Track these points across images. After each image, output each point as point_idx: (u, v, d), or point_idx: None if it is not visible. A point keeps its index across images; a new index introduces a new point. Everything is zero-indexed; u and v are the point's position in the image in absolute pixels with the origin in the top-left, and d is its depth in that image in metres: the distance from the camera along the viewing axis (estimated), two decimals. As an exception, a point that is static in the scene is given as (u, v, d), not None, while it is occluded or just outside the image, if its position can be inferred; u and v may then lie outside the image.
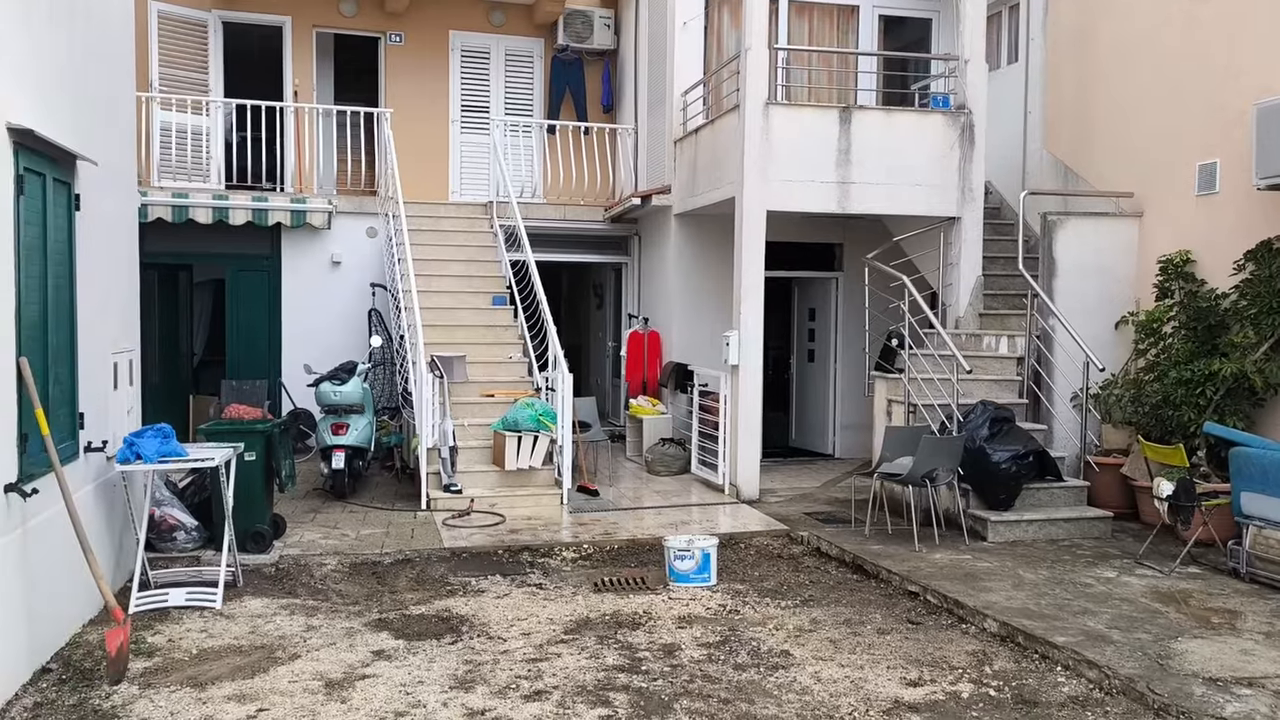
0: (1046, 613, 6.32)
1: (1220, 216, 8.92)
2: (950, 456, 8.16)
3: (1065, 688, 5.28)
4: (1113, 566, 7.50)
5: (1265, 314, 8.14)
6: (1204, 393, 8.32)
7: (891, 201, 10.35)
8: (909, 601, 6.90)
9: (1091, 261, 9.91)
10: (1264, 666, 5.39)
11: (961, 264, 10.52)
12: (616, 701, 5.03)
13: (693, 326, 12.10)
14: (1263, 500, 6.95)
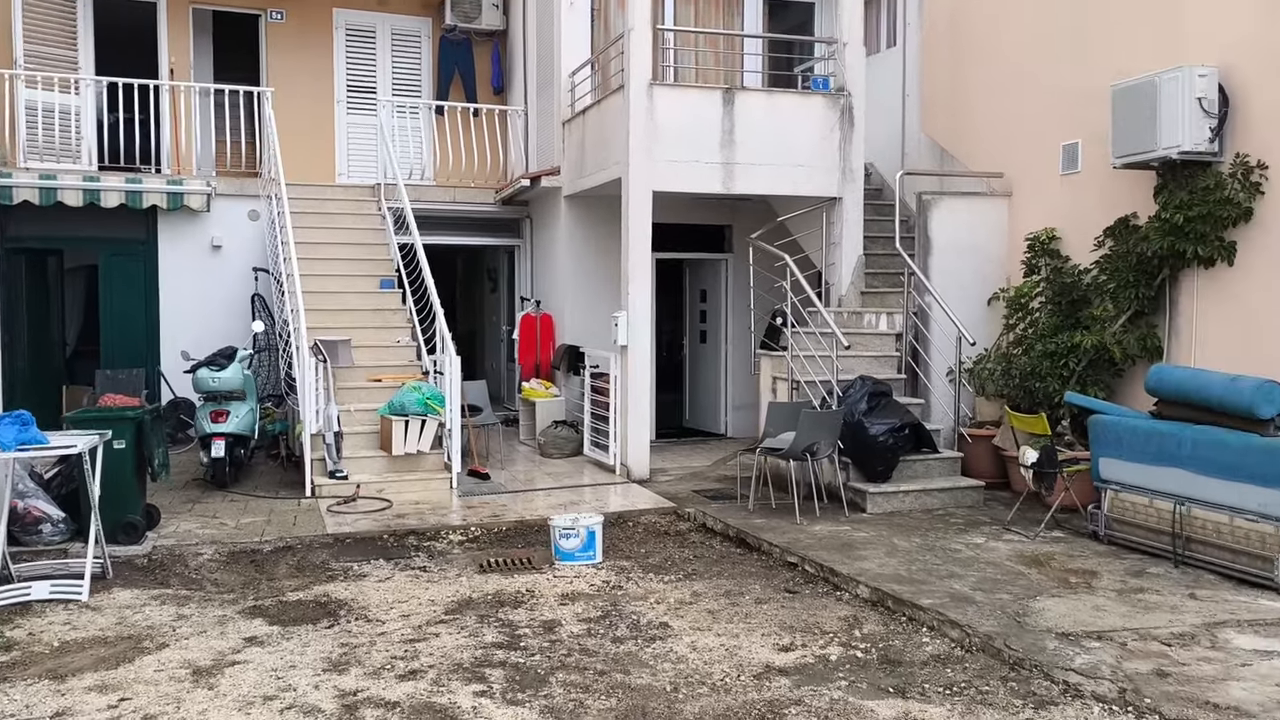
0: (916, 578, 6.54)
1: (1083, 195, 9.31)
2: (830, 431, 8.37)
3: (929, 647, 5.49)
4: (982, 533, 7.79)
5: (1123, 288, 8.53)
6: (1067, 364, 8.69)
7: (775, 182, 10.52)
8: (788, 572, 7.07)
9: (965, 240, 10.24)
10: (1113, 621, 5.68)
11: (843, 243, 10.75)
12: (492, 677, 5.05)
13: (585, 308, 12.11)
14: (1119, 465, 7.31)
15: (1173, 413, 7.07)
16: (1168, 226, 7.99)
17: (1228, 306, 7.94)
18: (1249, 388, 6.46)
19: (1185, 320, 8.31)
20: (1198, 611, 5.85)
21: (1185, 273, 8.26)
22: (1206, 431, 6.66)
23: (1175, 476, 6.85)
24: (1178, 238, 7.94)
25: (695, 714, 4.61)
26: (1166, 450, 6.90)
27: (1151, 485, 7.04)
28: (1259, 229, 7.67)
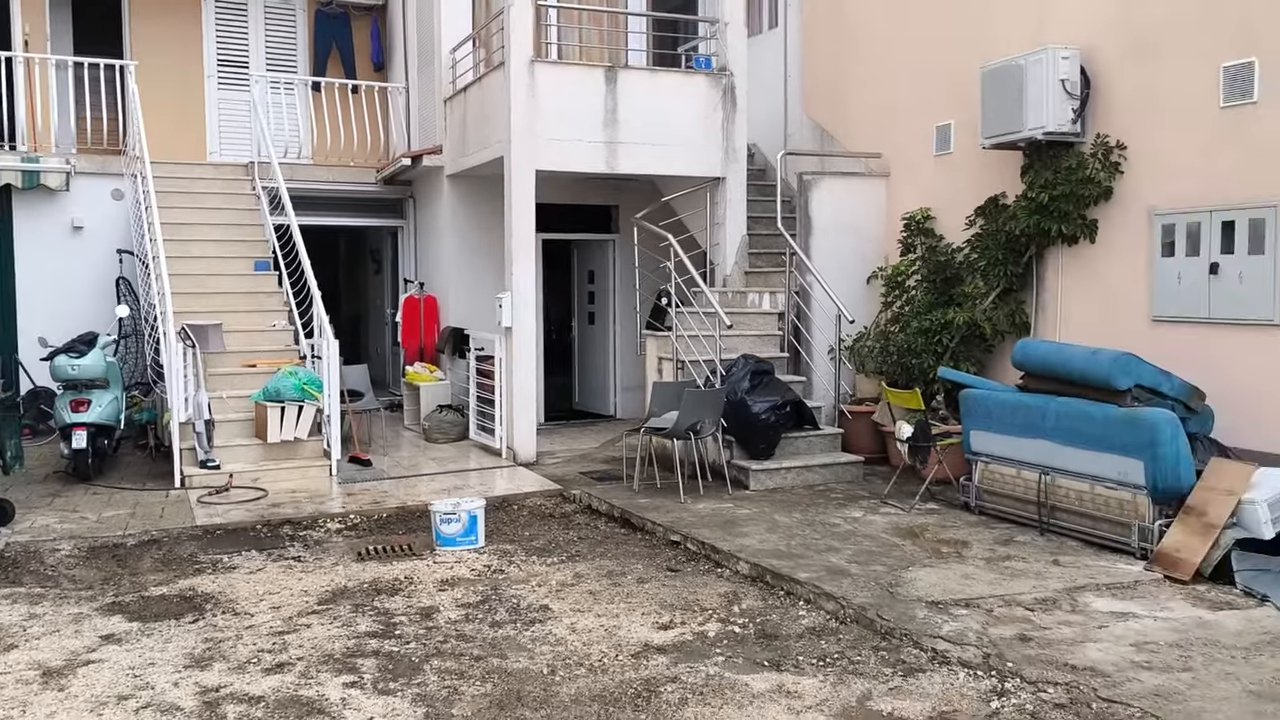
0: (795, 552, 6.63)
1: (956, 175, 9.54)
2: (713, 409, 8.41)
3: (805, 620, 5.56)
4: (860, 507, 7.95)
5: (993, 266, 8.78)
6: (941, 341, 8.91)
7: (659, 162, 10.51)
8: (671, 551, 7.08)
9: (845, 220, 10.40)
10: (981, 589, 5.85)
11: (727, 224, 10.81)
12: (364, 667, 4.92)
13: (470, 290, 11.92)
14: (988, 437, 7.53)
15: (1038, 385, 7.31)
16: (1034, 205, 8.25)
17: (1090, 282, 8.24)
18: (1107, 360, 6.72)
19: (1051, 296, 8.60)
20: (1060, 577, 6.07)
21: (1051, 250, 8.54)
22: (1069, 403, 6.90)
23: (1041, 447, 7.08)
24: (1043, 216, 8.20)
25: (571, 696, 4.57)
26: (1032, 422, 7.12)
27: (1019, 456, 7.27)
28: (1118, 207, 7.97)
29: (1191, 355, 7.28)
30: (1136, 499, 6.48)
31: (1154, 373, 6.70)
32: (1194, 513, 6.22)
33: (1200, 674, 4.59)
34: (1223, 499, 6.15)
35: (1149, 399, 6.62)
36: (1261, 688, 4.43)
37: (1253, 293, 6.97)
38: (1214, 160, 7.23)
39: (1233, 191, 7.10)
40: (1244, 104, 7.02)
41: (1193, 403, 6.73)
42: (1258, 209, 6.92)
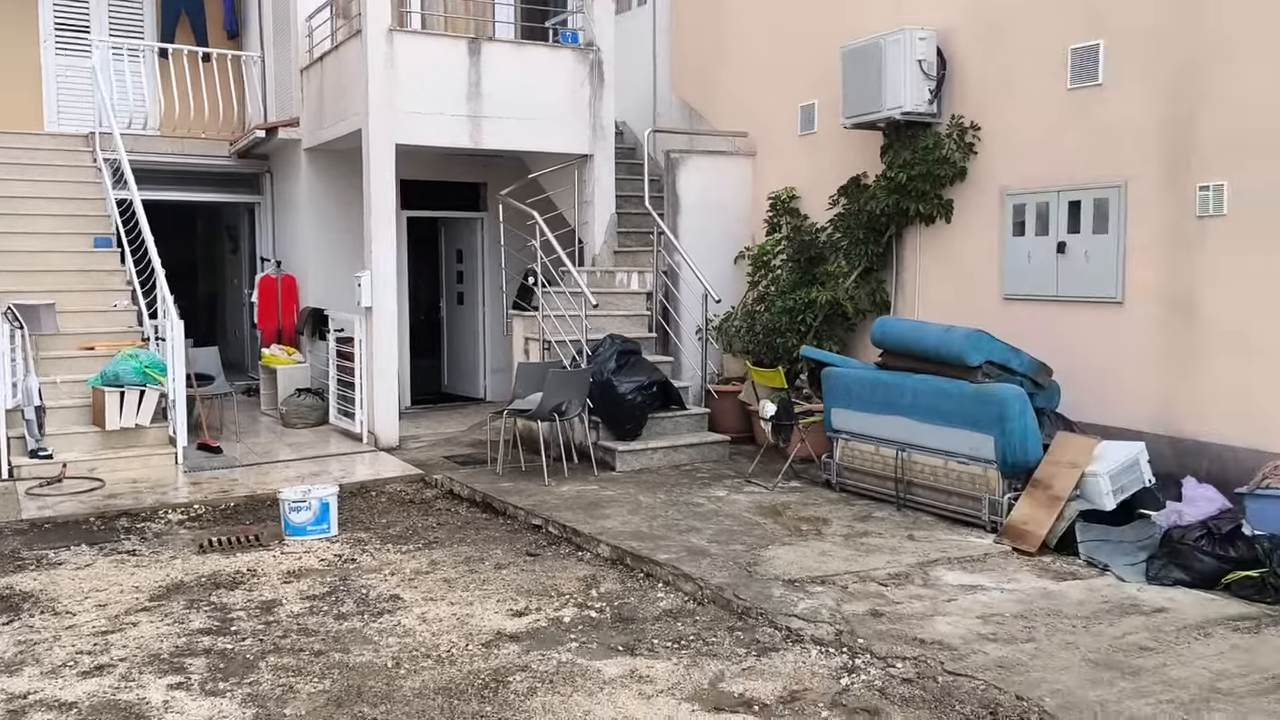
0: (657, 533, 6.55)
1: (819, 155, 9.59)
2: (578, 390, 8.27)
3: (663, 602, 5.48)
4: (725, 486, 7.93)
5: (855, 245, 8.86)
6: (805, 320, 8.97)
7: (525, 138, 10.27)
8: (532, 535, 6.92)
9: (713, 199, 10.37)
10: (837, 565, 5.87)
11: (596, 202, 10.66)
12: (193, 667, 4.62)
13: (330, 269, 11.47)
14: (849, 415, 7.59)
15: (896, 363, 7.40)
16: (892, 185, 8.34)
17: (946, 261, 8.39)
18: (959, 337, 6.83)
19: (910, 275, 8.73)
20: (914, 552, 6.14)
21: (910, 230, 8.66)
22: (925, 380, 7.00)
23: (898, 424, 7.17)
24: (901, 196, 8.30)
25: (415, 689, 4.37)
26: (890, 399, 7.20)
27: (877, 433, 7.35)
28: (973, 187, 8.12)
29: (1041, 332, 7.47)
30: (987, 473, 6.61)
31: (1004, 349, 6.84)
32: (1041, 486, 6.38)
33: (1043, 644, 4.68)
34: (1067, 472, 6.32)
35: (999, 375, 6.75)
36: (1099, 656, 4.53)
37: (1098, 271, 7.18)
38: (1062, 141, 7.41)
39: (1079, 172, 7.29)
40: (1090, 86, 7.21)
41: (1040, 379, 6.90)
42: (1102, 189, 7.12)
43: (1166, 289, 6.78)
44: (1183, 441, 6.69)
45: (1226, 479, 6.28)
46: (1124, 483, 6.27)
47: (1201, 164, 6.54)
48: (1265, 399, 6.26)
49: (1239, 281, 6.38)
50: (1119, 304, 7.06)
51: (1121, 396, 7.05)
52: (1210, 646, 4.64)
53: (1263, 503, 5.69)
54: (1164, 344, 6.81)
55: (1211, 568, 5.46)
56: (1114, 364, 7.10)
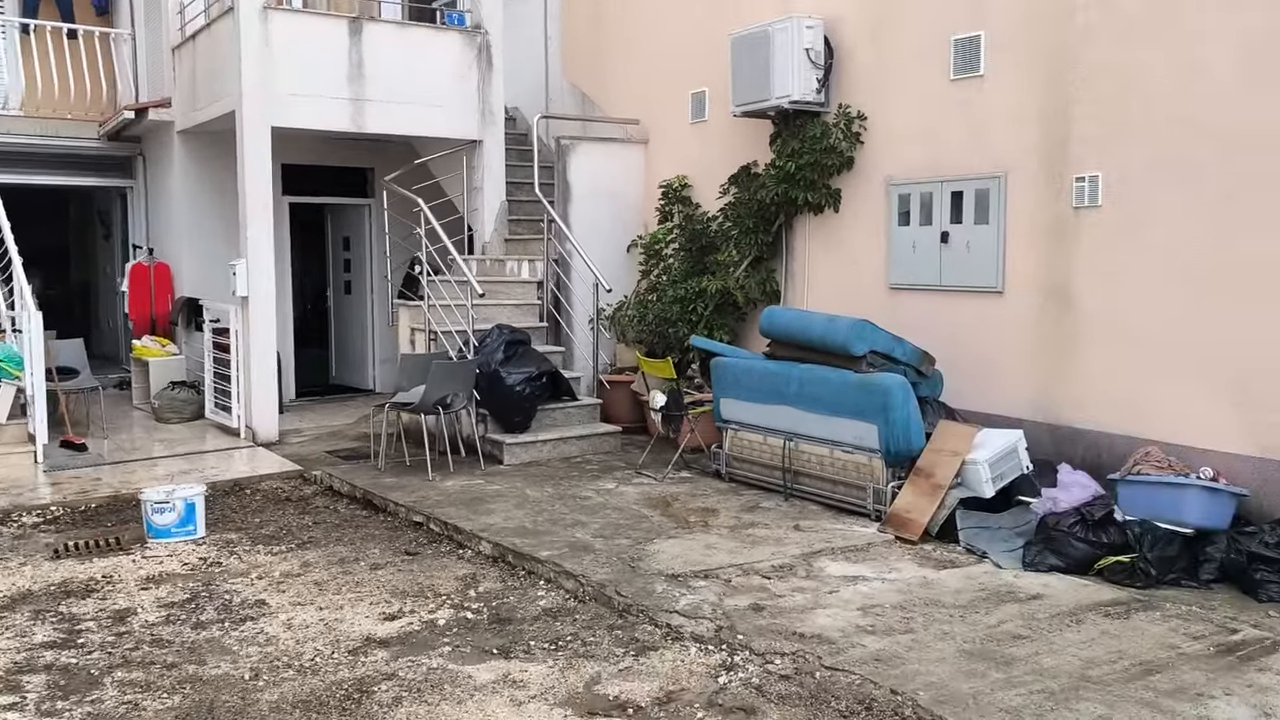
0: (541, 529, 6.39)
1: (711, 143, 9.51)
2: (464, 382, 8.04)
3: (543, 601, 5.32)
4: (614, 478, 7.80)
5: (745, 234, 8.80)
6: (696, 309, 8.89)
7: (411, 122, 9.97)
8: (413, 532, 6.70)
9: (604, 186, 10.21)
10: (722, 558, 5.79)
11: (486, 189, 10.42)
12: (30, 685, 4.29)
13: (205, 257, 10.98)
14: (737, 405, 7.53)
15: (783, 353, 7.36)
16: (781, 174, 8.29)
17: (835, 250, 8.39)
18: (844, 327, 6.82)
19: (800, 264, 8.72)
20: (799, 542, 6.11)
21: (799, 219, 8.64)
22: (811, 370, 6.97)
23: (785, 414, 7.13)
24: (790, 185, 8.26)
25: (273, 703, 4.13)
26: (777, 389, 7.16)
27: (765, 423, 7.31)
28: (860, 177, 8.13)
29: (926, 321, 7.52)
30: (872, 462, 6.62)
31: (888, 339, 6.86)
32: (923, 474, 6.41)
33: (920, 635, 4.66)
34: (949, 460, 6.36)
35: (883, 365, 6.76)
36: (974, 646, 4.54)
37: (979, 261, 7.25)
38: (945, 131, 7.46)
39: (962, 163, 7.34)
40: (972, 77, 7.26)
41: (924, 368, 6.94)
42: (983, 180, 7.19)
43: (1045, 279, 6.88)
44: (1060, 428, 6.81)
45: (1102, 465, 6.40)
46: (1003, 470, 6.33)
47: (1078, 156, 6.64)
48: (1138, 386, 6.39)
49: (1113, 271, 6.49)
50: (999, 294, 7.14)
51: (1002, 385, 7.13)
52: (1082, 633, 4.68)
53: (1134, 489, 5.80)
54: (1042, 333, 6.91)
55: (1085, 553, 5.54)
56: (995, 353, 7.18)
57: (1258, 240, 5.77)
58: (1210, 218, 5.98)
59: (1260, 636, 4.64)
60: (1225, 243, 5.91)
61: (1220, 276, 5.94)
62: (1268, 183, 5.72)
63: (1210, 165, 5.97)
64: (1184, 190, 6.10)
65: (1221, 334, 5.95)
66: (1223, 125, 5.91)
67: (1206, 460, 5.94)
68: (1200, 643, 4.56)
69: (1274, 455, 5.73)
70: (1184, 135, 6.09)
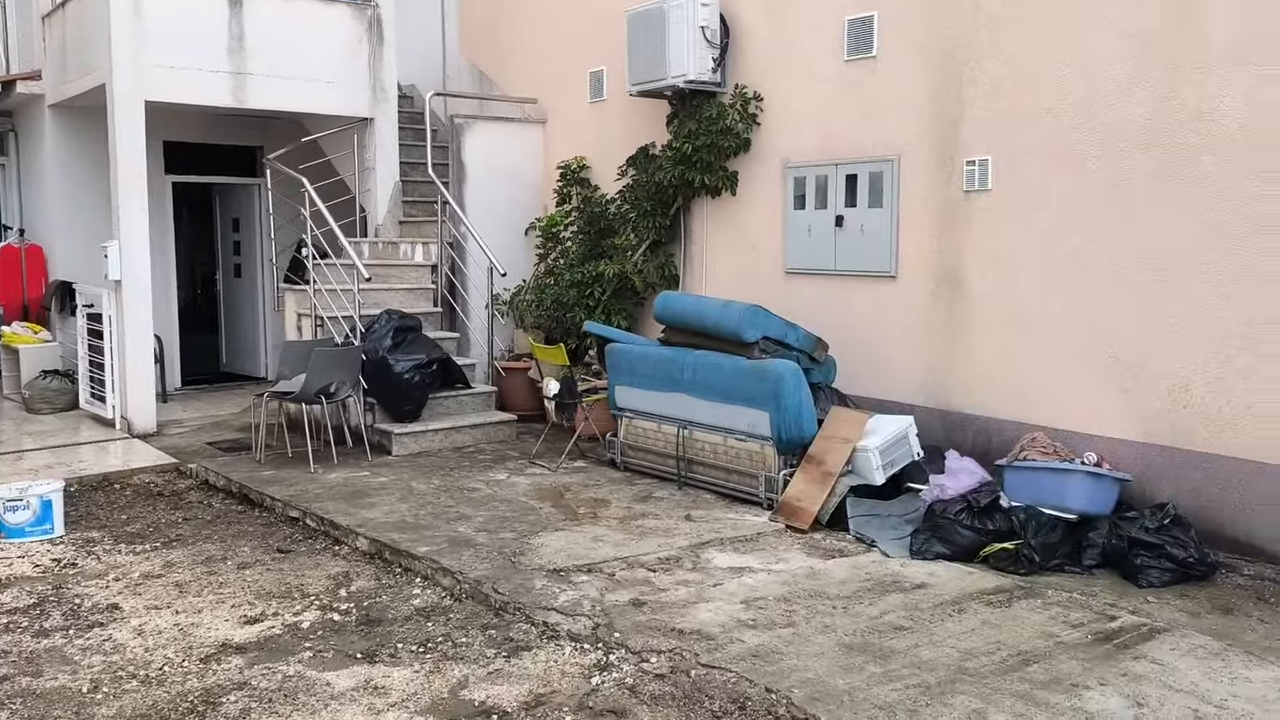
0: (423, 523, 6.14)
1: (609, 123, 9.30)
2: (347, 370, 7.72)
3: (417, 600, 5.08)
4: (506, 468, 7.58)
5: (643, 217, 8.63)
6: (593, 294, 8.68)
7: (297, 98, 9.55)
8: (289, 529, 6.39)
9: (501, 166, 9.93)
10: (608, 551, 5.62)
11: (378, 168, 10.06)
12: None
13: (81, 238, 10.37)
14: (632, 392, 7.36)
15: (678, 339, 7.21)
16: (678, 156, 8.13)
17: (733, 234, 8.26)
18: (736, 312, 6.68)
19: (698, 248, 8.57)
20: (689, 533, 5.97)
21: (697, 202, 8.49)
22: (704, 356, 6.83)
23: (679, 401, 6.98)
24: (687, 167, 8.10)
25: (108, 717, 3.83)
26: (671, 376, 7.01)
27: (660, 411, 7.16)
28: (757, 159, 8.00)
29: (822, 306, 7.44)
30: (764, 450, 6.50)
31: (780, 324, 6.74)
32: (814, 462, 6.32)
33: (801, 629, 4.55)
34: (840, 447, 6.28)
35: (776, 351, 6.65)
36: (854, 639, 4.44)
37: (873, 245, 7.17)
38: (839, 113, 7.36)
39: (856, 145, 7.26)
40: (865, 58, 7.16)
41: (816, 353, 6.85)
42: (877, 163, 7.11)
43: (937, 263, 6.83)
44: (951, 414, 6.78)
45: (991, 451, 6.39)
46: (894, 457, 6.28)
47: (969, 139, 6.59)
48: (1027, 372, 6.38)
49: (1002, 256, 6.47)
50: (892, 278, 7.08)
51: (896, 370, 7.09)
52: (963, 623, 4.62)
53: (1019, 474, 5.78)
54: (934, 318, 6.87)
55: (971, 541, 5.50)
56: (888, 338, 7.13)
57: (1143, 228, 5.78)
58: (1098, 204, 5.97)
59: (1137, 623, 4.63)
60: (1112, 230, 5.92)
61: (1107, 263, 5.95)
62: (1152, 172, 5.72)
63: (1097, 153, 5.96)
64: (1072, 176, 6.09)
65: (1108, 320, 5.96)
66: (1111, 114, 5.89)
67: (1092, 446, 5.95)
68: (1079, 631, 4.53)
69: (1157, 440, 5.76)
70: (1073, 122, 6.06)
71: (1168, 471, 5.70)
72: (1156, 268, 5.73)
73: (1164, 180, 5.67)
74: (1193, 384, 5.59)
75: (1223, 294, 5.46)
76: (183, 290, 12.26)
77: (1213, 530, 5.50)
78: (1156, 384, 5.75)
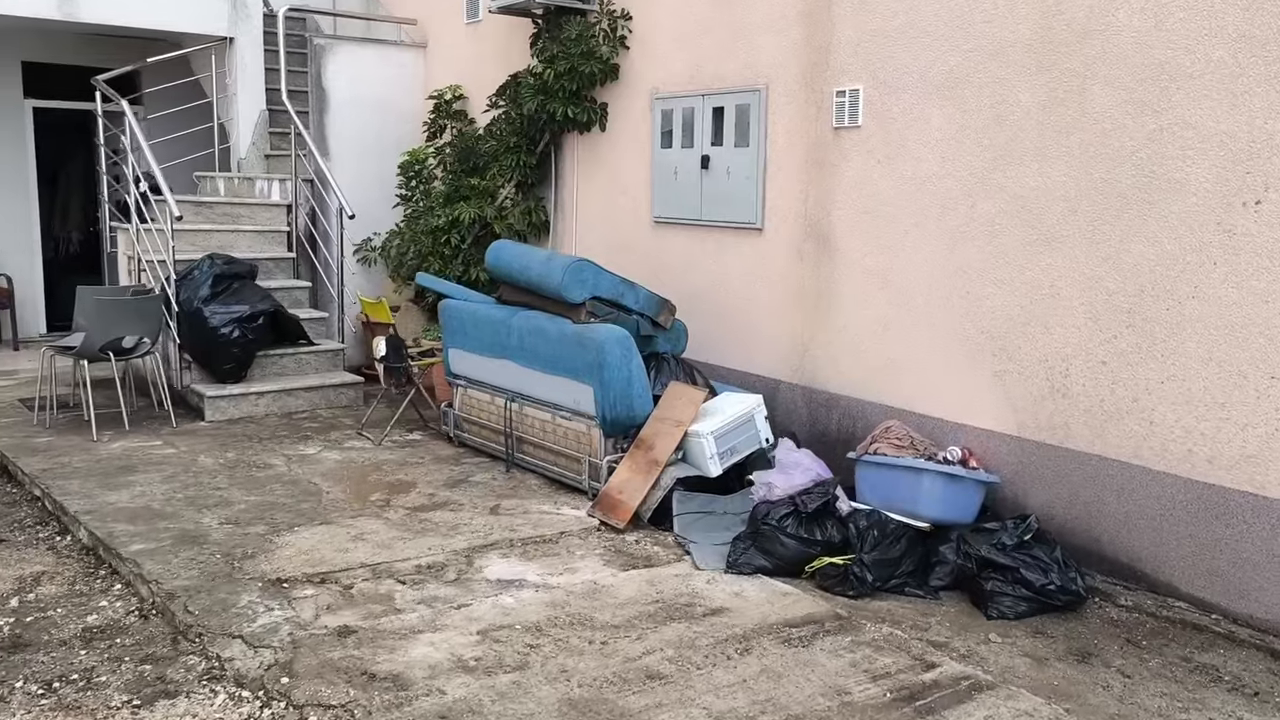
0: (169, 510, 5.19)
1: (485, 47, 8.20)
2: (143, 321, 6.74)
3: (98, 614, 4.15)
4: (325, 440, 6.62)
5: (507, 153, 7.56)
6: (449, 241, 7.65)
7: (140, 13, 8.52)
8: (28, 509, 5.47)
9: (371, 95, 8.85)
10: (362, 554, 4.66)
11: (240, 96, 9.00)
12: None
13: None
14: (464, 357, 6.38)
15: (511, 297, 6.19)
16: (539, 84, 7.04)
17: (603, 176, 7.21)
18: (559, 268, 5.65)
19: (569, 192, 7.52)
20: (479, 531, 5.01)
21: (568, 138, 7.43)
22: (530, 318, 5.82)
23: (508, 369, 6.00)
24: (548, 97, 7.02)
25: None
26: (500, 340, 6.01)
27: (491, 380, 6.18)
28: (626, 89, 6.93)
29: (688, 262, 6.42)
30: (591, 431, 5.52)
31: (614, 283, 5.71)
32: (643, 447, 5.34)
33: (531, 674, 3.59)
34: (671, 430, 5.29)
35: (608, 313, 5.62)
36: (589, 692, 3.48)
37: (739, 191, 6.12)
38: (709, 33, 6.26)
39: (723, 73, 6.17)
40: (734, -32, 6.05)
41: (660, 318, 5.82)
42: (744, 93, 6.02)
43: (803, 214, 5.78)
44: (817, 393, 5.78)
45: (855, 439, 5.40)
46: (735, 443, 5.30)
47: (839, 64, 5.50)
48: (895, 346, 5.35)
49: (872, 208, 5.41)
50: (759, 231, 6.03)
51: (762, 340, 6.08)
52: (739, 670, 3.66)
53: (870, 471, 4.81)
54: (801, 279, 5.84)
55: (796, 552, 4.53)
56: (755, 302, 6.11)
57: (1025, 176, 4.71)
58: (974, 146, 4.90)
59: (958, 675, 3.66)
60: (991, 177, 4.85)
61: (982, 216, 4.89)
62: (1037, 105, 4.63)
63: (976, 81, 4.86)
64: (948, 110, 5.00)
65: (983, 287, 4.92)
66: (990, 32, 4.79)
67: (962, 437, 4.96)
68: (879, 685, 3.57)
69: (1032, 435, 4.75)
70: (951, 43, 4.97)
71: (1043, 473, 4.69)
72: (1036, 224, 4.67)
73: (1048, 116, 4.59)
74: (1072, 368, 4.56)
75: (1106, 257, 4.41)
76: (61, 228, 11.29)
77: (1090, 547, 4.51)
78: (1033, 367, 4.73)
